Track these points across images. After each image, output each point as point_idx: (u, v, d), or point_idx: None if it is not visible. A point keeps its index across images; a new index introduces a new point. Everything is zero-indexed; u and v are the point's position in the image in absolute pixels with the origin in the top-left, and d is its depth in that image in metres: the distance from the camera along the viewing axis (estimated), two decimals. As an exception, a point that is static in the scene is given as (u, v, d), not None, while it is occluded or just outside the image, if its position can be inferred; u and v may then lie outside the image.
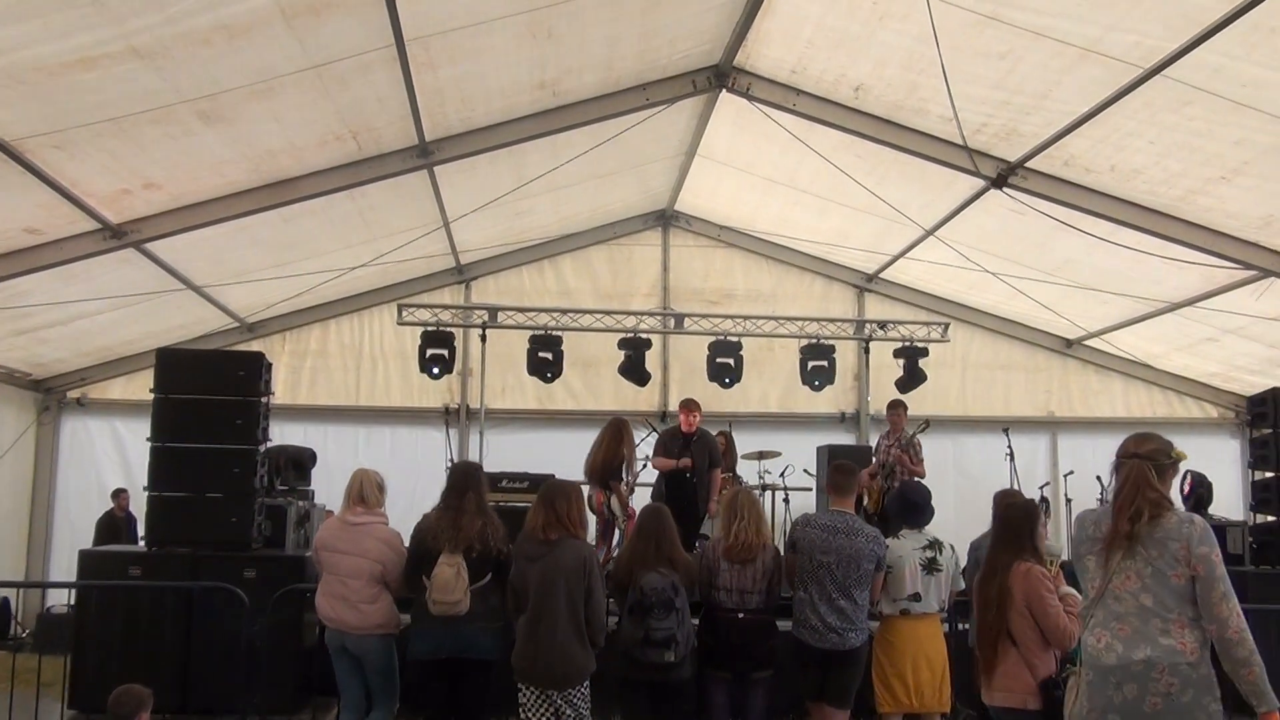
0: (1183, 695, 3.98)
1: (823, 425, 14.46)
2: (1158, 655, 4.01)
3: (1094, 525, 4.30)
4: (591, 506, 9.64)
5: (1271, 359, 12.49)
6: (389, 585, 6.62)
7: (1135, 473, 4.17)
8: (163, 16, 6.68)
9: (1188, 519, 4.10)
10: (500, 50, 8.74)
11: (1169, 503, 4.14)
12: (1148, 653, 4.03)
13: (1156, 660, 4.01)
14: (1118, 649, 4.10)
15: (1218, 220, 10.00)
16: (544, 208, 12.93)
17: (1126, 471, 4.21)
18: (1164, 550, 4.05)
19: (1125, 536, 4.11)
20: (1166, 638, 4.02)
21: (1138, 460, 4.20)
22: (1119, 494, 4.20)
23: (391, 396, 14.19)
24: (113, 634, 8.07)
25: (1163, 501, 4.12)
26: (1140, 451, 4.22)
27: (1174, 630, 4.02)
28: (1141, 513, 4.09)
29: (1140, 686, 4.02)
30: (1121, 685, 4.06)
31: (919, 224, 12.05)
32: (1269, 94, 7.77)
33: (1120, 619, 4.12)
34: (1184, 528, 4.06)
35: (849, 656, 6.53)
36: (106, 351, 13.15)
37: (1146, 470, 4.16)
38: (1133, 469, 4.19)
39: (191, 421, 8.58)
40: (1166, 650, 4.00)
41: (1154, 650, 4.02)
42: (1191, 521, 4.09)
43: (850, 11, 8.64)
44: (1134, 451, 4.24)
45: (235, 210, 9.82)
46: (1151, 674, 4.00)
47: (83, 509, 13.20)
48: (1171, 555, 4.04)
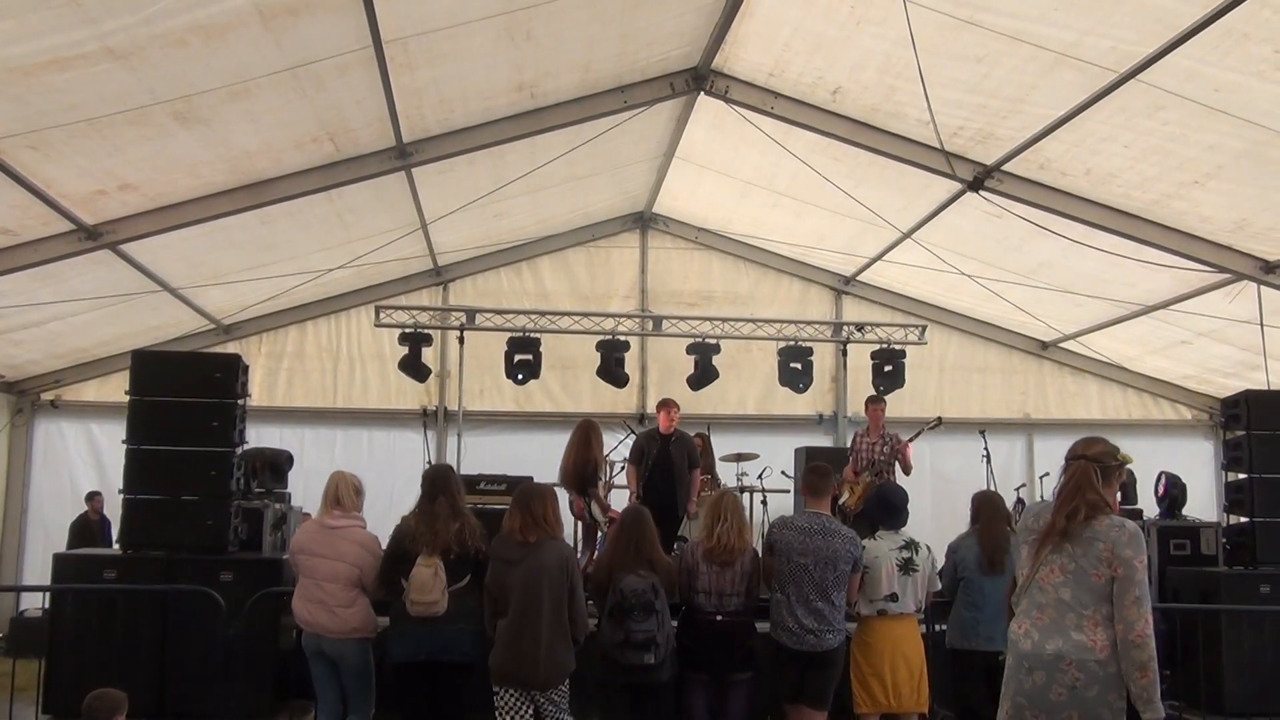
0: (1087, 690, 4.12)
1: (800, 427, 14.50)
2: (1068, 649, 4.17)
3: (1034, 518, 4.46)
4: (572, 512, 9.64)
5: (1244, 361, 12.60)
6: (366, 589, 6.59)
7: (1079, 473, 4.31)
8: (138, 17, 6.65)
9: (1119, 524, 4.22)
10: (479, 52, 8.73)
11: (1106, 505, 4.26)
12: (1059, 645, 4.19)
13: (1066, 653, 4.16)
14: (1034, 637, 4.26)
15: (1191, 224, 10.09)
16: (522, 209, 12.91)
17: (1071, 472, 4.35)
18: (1089, 549, 4.19)
19: (1059, 532, 4.25)
20: (1079, 633, 4.16)
21: (1083, 462, 4.33)
22: (1060, 492, 4.34)
23: (369, 398, 14.15)
24: (88, 637, 7.98)
25: (1100, 504, 4.25)
26: (1087, 454, 4.36)
27: (1087, 626, 4.16)
28: (1078, 512, 4.23)
29: (1048, 675, 4.18)
30: (1032, 671, 4.23)
31: (896, 226, 12.10)
32: (1241, 99, 7.85)
33: (1040, 609, 4.28)
34: (1112, 531, 4.19)
35: (826, 658, 6.54)
36: (81, 353, 13.05)
37: (1091, 471, 4.29)
38: (1077, 470, 4.33)
39: (167, 424, 8.51)
40: (1077, 645, 4.15)
41: (1065, 643, 4.18)
42: (1122, 526, 4.21)
43: (828, 15, 8.67)
44: (1081, 454, 4.38)
45: (212, 211, 9.78)
46: (1060, 665, 4.16)
47: (57, 512, 13.13)
48: (1095, 555, 4.17)
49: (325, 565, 6.54)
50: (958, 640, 7.22)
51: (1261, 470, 9.75)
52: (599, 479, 9.81)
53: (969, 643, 7.14)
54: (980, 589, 7.13)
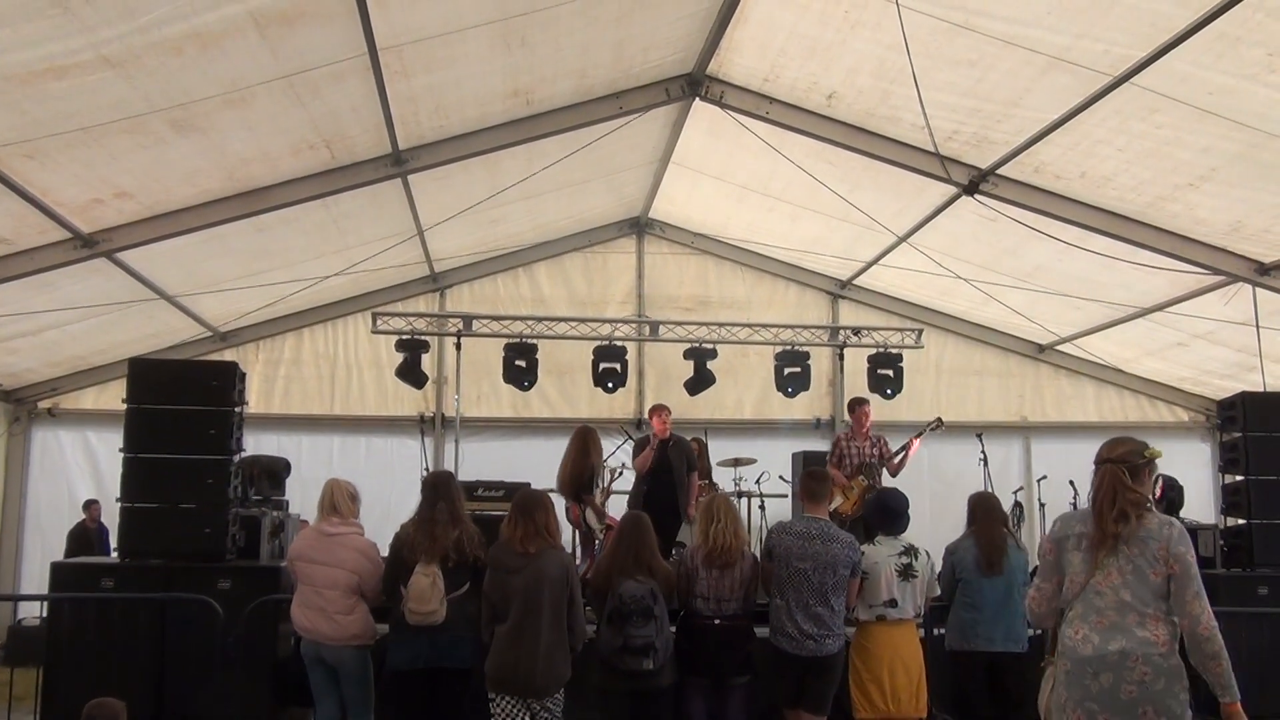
0: (1156, 683, 4.18)
1: (798, 431, 14.46)
2: (1133, 646, 4.21)
3: (1078, 523, 4.50)
4: (569, 519, 9.62)
5: (1240, 363, 12.61)
6: (365, 595, 6.59)
7: (1110, 477, 4.37)
8: (134, 25, 6.65)
9: (1168, 522, 4.32)
10: (474, 59, 8.75)
11: (1148, 502, 4.35)
12: (1123, 644, 4.23)
13: (1131, 651, 4.21)
14: (1094, 640, 4.29)
15: (1186, 226, 10.12)
16: (518, 216, 12.92)
17: (1101, 477, 4.42)
18: (1145, 549, 4.26)
19: (1112, 536, 4.31)
20: (1142, 630, 4.22)
21: (1110, 465, 4.39)
22: (1096, 498, 4.41)
23: (366, 405, 14.14)
24: (86, 646, 7.97)
25: (1142, 502, 4.33)
26: (1112, 456, 4.42)
27: (1149, 624, 4.22)
28: (1127, 515, 4.30)
29: (1116, 675, 4.21)
30: (1098, 675, 4.25)
31: (892, 231, 12.12)
32: (1235, 101, 7.88)
33: (1099, 613, 4.31)
34: (1164, 529, 4.28)
35: (826, 663, 6.54)
36: (78, 361, 13.04)
37: (1120, 474, 4.35)
38: (1106, 473, 4.39)
39: (164, 432, 8.51)
40: (1141, 642, 4.21)
41: (1129, 642, 4.23)
42: (1171, 524, 4.31)
43: (822, 20, 8.69)
44: (1106, 457, 4.44)
45: (208, 219, 9.78)
46: (1126, 663, 4.21)
47: (54, 520, 13.09)
48: (1151, 554, 4.24)
49: (324, 572, 6.54)
50: (957, 641, 7.22)
51: (1258, 472, 9.77)
52: (596, 486, 9.80)
53: (968, 643, 7.14)
54: (978, 590, 7.13)
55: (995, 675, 7.16)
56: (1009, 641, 7.10)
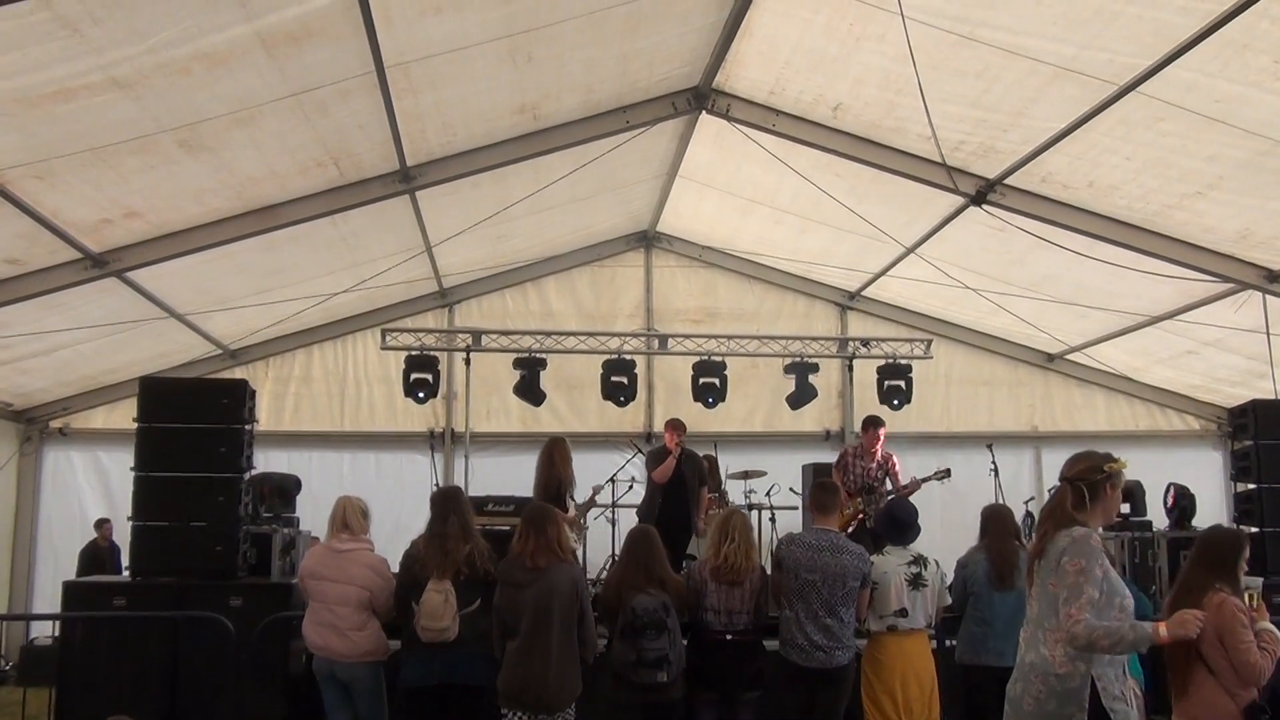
0: (1047, 703, 4.30)
1: (807, 443, 14.43)
2: (1036, 661, 4.36)
3: None
4: None
5: (1251, 370, 12.57)
6: (377, 612, 6.60)
7: (1056, 497, 4.54)
8: (142, 47, 6.69)
9: (1067, 532, 4.33)
10: (480, 75, 8.78)
11: (1075, 520, 4.37)
12: (1031, 657, 4.40)
13: (1035, 665, 4.37)
14: (1020, 649, 4.51)
15: (1194, 234, 10.09)
16: (526, 230, 12.94)
17: (1054, 494, 4.60)
18: (1046, 562, 4.38)
19: (1037, 554, 4.46)
20: (1044, 647, 4.35)
21: (1063, 484, 4.52)
22: (1039, 515, 4.66)
23: (376, 421, 14.14)
24: (98, 665, 7.98)
25: (1064, 519, 4.39)
26: (1067, 475, 4.53)
27: (1048, 641, 4.33)
28: (1047, 533, 4.43)
29: (1024, 686, 4.40)
30: (1015, 682, 4.47)
31: (899, 242, 12.11)
32: (1241, 109, 7.86)
33: (1027, 624, 4.51)
34: (1061, 539, 4.33)
35: (837, 675, 6.54)
36: (89, 381, 13.08)
37: (1064, 494, 4.47)
38: (1057, 492, 4.55)
39: (175, 450, 8.54)
40: (1042, 659, 4.34)
41: (1035, 656, 4.38)
42: (1069, 534, 4.33)
43: (827, 33, 8.70)
44: (1063, 475, 4.56)
45: (217, 238, 9.81)
46: (1030, 676, 4.37)
47: (66, 539, 13.12)
48: (1049, 566, 4.36)
49: (335, 589, 6.56)
50: (968, 655, 7.20)
51: (1270, 480, 9.75)
52: (568, 498, 9.70)
53: (979, 658, 7.11)
54: (990, 604, 7.10)
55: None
56: (1020, 656, 7.06)
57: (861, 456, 10.75)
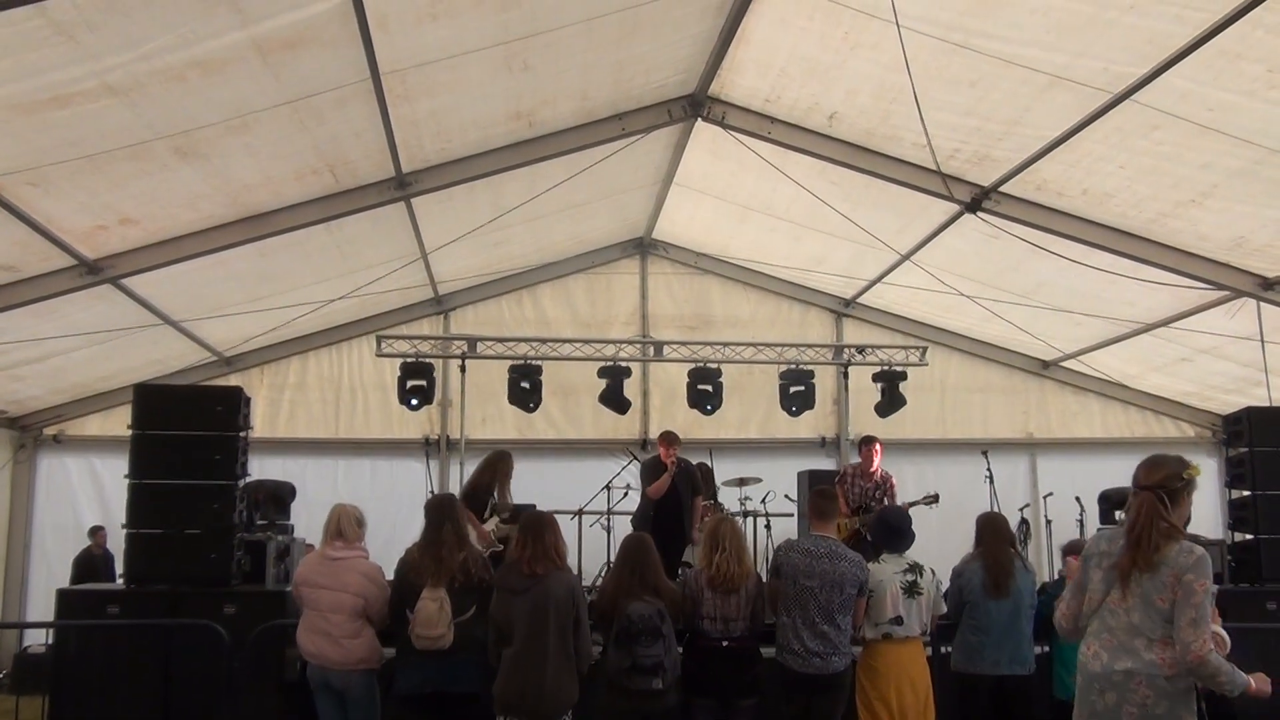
0: (1157, 707, 4.19)
1: (803, 450, 14.45)
2: (1138, 667, 4.23)
3: (1108, 542, 4.49)
4: None
5: (1245, 378, 12.60)
6: (371, 619, 6.59)
7: (1146, 506, 4.31)
8: (137, 53, 6.68)
9: (1188, 549, 4.24)
10: (476, 82, 8.78)
11: (1179, 532, 4.28)
12: (1129, 664, 4.25)
13: (1136, 672, 4.23)
14: (1103, 658, 4.33)
15: (1189, 242, 10.12)
16: (522, 238, 12.95)
17: (1138, 504, 4.35)
18: (1156, 575, 4.23)
19: (1143, 566, 4.27)
20: (1149, 653, 4.22)
21: (1148, 493, 4.32)
22: (1132, 527, 4.34)
23: (371, 428, 14.14)
24: (92, 673, 7.95)
25: (1173, 532, 4.27)
26: (1149, 483, 4.35)
27: (1156, 647, 4.22)
28: (1157, 545, 4.25)
29: (1119, 695, 4.25)
30: (1104, 693, 4.30)
31: (895, 249, 12.13)
32: (1234, 118, 7.89)
33: (1110, 632, 4.34)
34: (1180, 557, 4.22)
35: (833, 681, 6.53)
36: (83, 388, 13.06)
37: (1154, 502, 4.29)
38: (1143, 502, 4.32)
39: (170, 457, 8.51)
40: (1147, 664, 4.21)
41: (1135, 663, 4.24)
42: (1190, 551, 4.23)
43: (822, 41, 8.72)
44: (1143, 483, 4.37)
45: (212, 245, 9.80)
46: (1130, 684, 4.23)
47: (60, 547, 13.09)
48: (1161, 581, 4.22)
49: (329, 596, 6.54)
50: (963, 664, 7.18)
51: (1265, 487, 9.76)
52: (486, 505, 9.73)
53: (974, 666, 7.10)
54: (985, 612, 7.09)
55: (1001, 698, 7.12)
56: (1015, 664, 7.07)
57: (860, 476, 10.76)
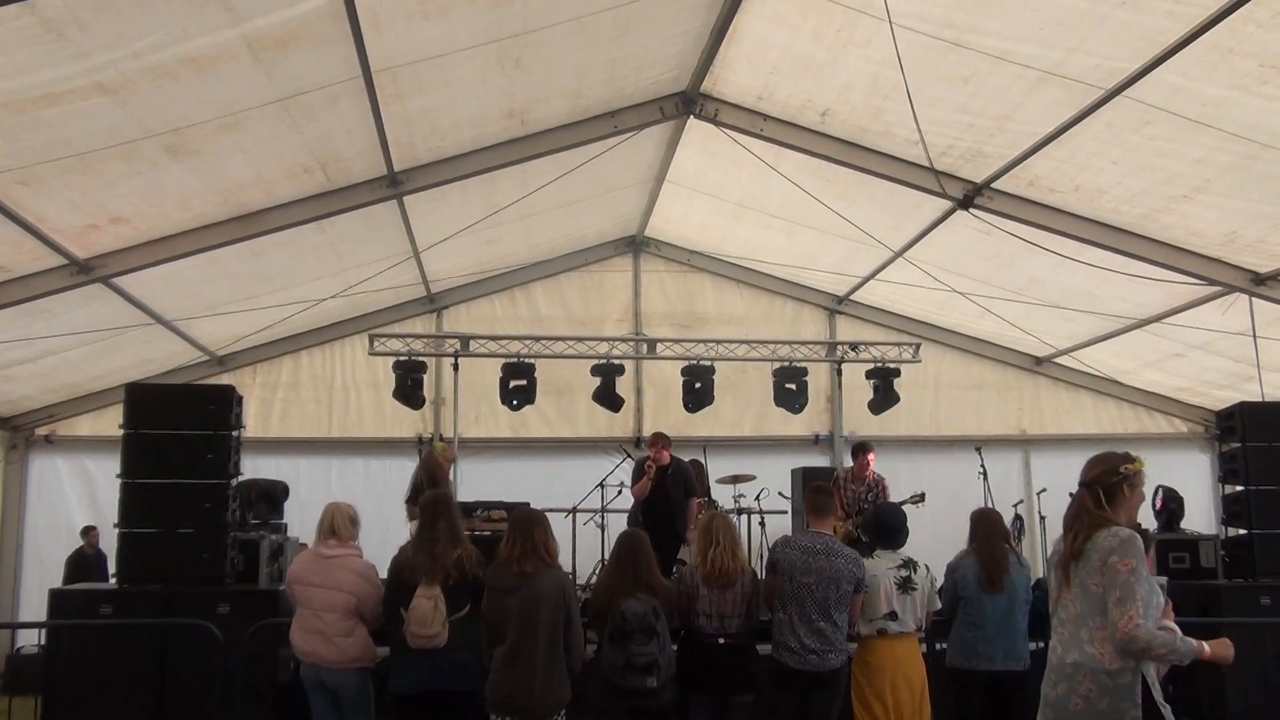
0: (1100, 701, 4.27)
1: (797, 447, 14.44)
2: (1083, 660, 4.32)
3: (1059, 544, 4.64)
4: None
5: (1238, 373, 12.61)
6: (364, 618, 6.56)
7: (1078, 500, 4.53)
8: (127, 51, 6.66)
9: (1113, 534, 4.34)
10: (468, 80, 8.76)
11: (1109, 520, 4.40)
12: (1075, 657, 4.36)
13: (1081, 664, 4.32)
14: (1058, 651, 4.46)
15: (1181, 237, 10.12)
16: (514, 236, 12.93)
17: (1073, 500, 4.57)
18: (1088, 562, 4.36)
19: (1071, 555, 4.44)
20: (1090, 645, 4.32)
21: (1083, 488, 4.53)
22: (1065, 519, 4.57)
23: (364, 427, 14.11)
24: (85, 673, 7.94)
25: (1101, 521, 4.40)
26: (1086, 479, 4.55)
27: (1096, 639, 4.31)
28: (1079, 534, 4.42)
29: (1069, 686, 4.36)
30: (1056, 684, 4.42)
31: (888, 246, 12.13)
32: (1227, 113, 7.89)
33: (1063, 624, 4.48)
34: (1106, 540, 4.33)
35: (829, 678, 6.53)
36: (75, 388, 13.01)
37: (1086, 498, 4.48)
38: (1077, 497, 4.54)
39: (162, 457, 8.50)
40: (1089, 657, 4.31)
41: (1080, 655, 4.34)
42: (1114, 534, 4.33)
43: (815, 38, 8.71)
44: (1081, 480, 4.57)
45: (204, 243, 9.76)
46: (1077, 676, 4.33)
47: (52, 547, 13.06)
48: (1092, 566, 4.34)
49: (322, 595, 6.52)
50: (958, 659, 7.19)
51: (1258, 482, 9.76)
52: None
53: (969, 662, 7.11)
54: (980, 607, 7.10)
55: (996, 693, 7.13)
56: (1010, 660, 7.07)
57: (852, 481, 10.84)
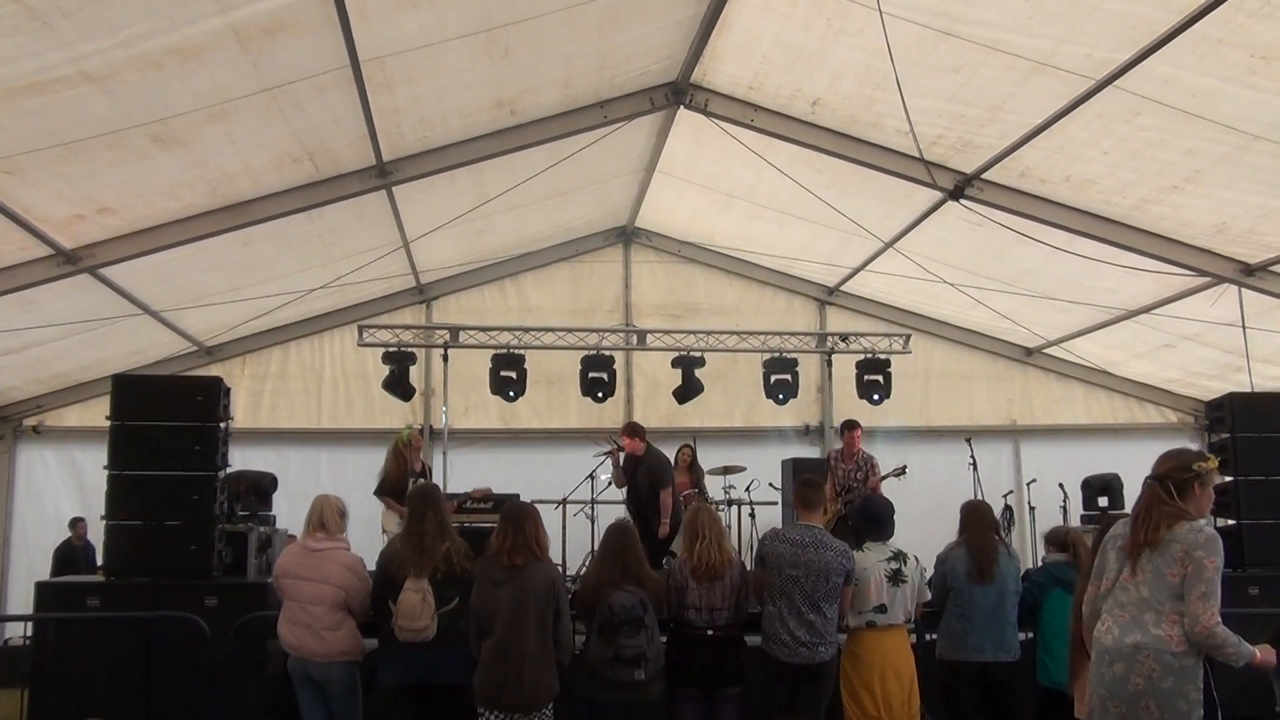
0: (1163, 681, 4.38)
1: (787, 438, 14.49)
2: (1146, 641, 4.43)
3: (1123, 526, 4.77)
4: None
5: (1228, 364, 12.64)
6: (352, 611, 6.54)
7: (1149, 493, 4.63)
8: (114, 40, 6.61)
9: (1197, 528, 4.48)
10: (457, 70, 8.72)
11: (1188, 514, 4.53)
12: (1138, 638, 4.46)
13: (1145, 645, 4.43)
14: (1115, 632, 4.54)
15: (1171, 228, 10.12)
16: (504, 226, 12.89)
17: (1143, 493, 4.68)
18: (1167, 551, 4.47)
19: (1141, 544, 4.55)
20: (1157, 628, 4.43)
21: (1153, 481, 4.64)
22: (1135, 512, 4.69)
23: (353, 418, 14.08)
24: (72, 666, 7.91)
25: (1180, 514, 4.52)
26: (1156, 473, 4.66)
27: (1165, 623, 4.43)
28: (1159, 525, 4.51)
29: (1127, 666, 4.45)
30: (1113, 664, 4.50)
31: (878, 237, 12.12)
32: (1218, 104, 7.89)
33: (1122, 607, 4.59)
34: (1190, 534, 4.45)
35: (819, 671, 6.52)
36: (62, 378, 12.96)
37: (1158, 491, 4.58)
38: (1147, 490, 4.65)
39: (150, 448, 8.46)
40: (1155, 639, 4.43)
41: (1144, 637, 4.45)
42: (1200, 530, 4.47)
43: (805, 28, 8.68)
44: (1152, 474, 4.69)
45: (192, 234, 9.72)
46: (1138, 657, 4.43)
47: (40, 538, 13.02)
48: (1172, 556, 4.45)
49: (310, 588, 6.49)
50: (948, 650, 7.19)
51: (1247, 472, 9.81)
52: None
53: (959, 653, 7.11)
54: (970, 598, 7.10)
55: (986, 684, 7.14)
56: (1000, 651, 7.07)
57: (843, 459, 10.91)
